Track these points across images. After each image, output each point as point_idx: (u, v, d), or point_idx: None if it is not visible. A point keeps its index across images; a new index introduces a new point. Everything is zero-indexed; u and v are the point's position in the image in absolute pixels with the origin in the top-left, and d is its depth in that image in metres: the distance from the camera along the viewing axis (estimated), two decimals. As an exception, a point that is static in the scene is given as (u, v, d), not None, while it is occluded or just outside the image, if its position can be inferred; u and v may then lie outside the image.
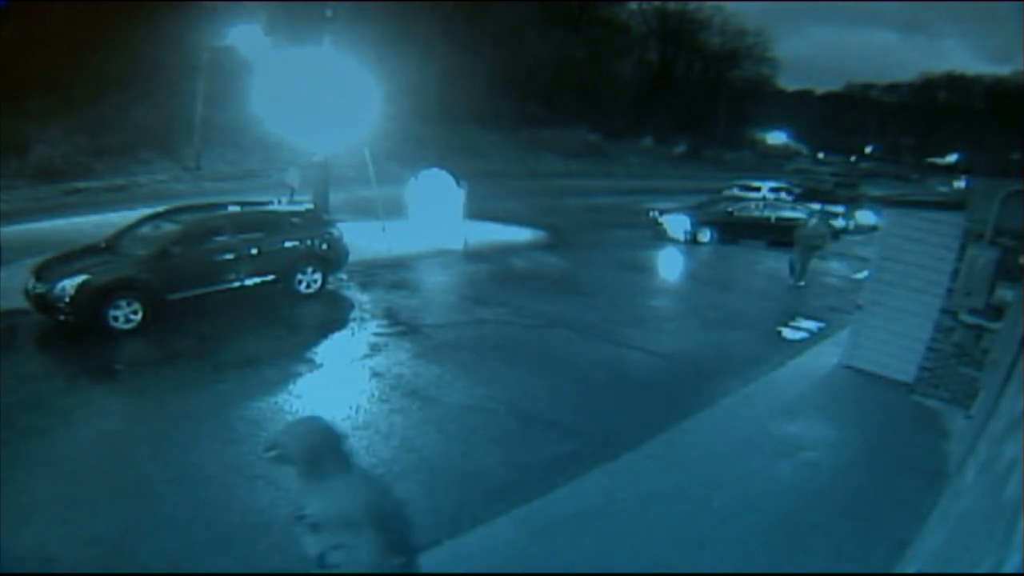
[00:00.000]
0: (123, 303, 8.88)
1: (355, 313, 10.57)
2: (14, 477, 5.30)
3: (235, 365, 8.08)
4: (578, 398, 7.80)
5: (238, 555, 4.78)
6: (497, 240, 16.68)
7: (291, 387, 7.56)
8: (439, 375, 8.15)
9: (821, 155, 61.32)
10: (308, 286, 11.02)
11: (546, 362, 8.88)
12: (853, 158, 62.91)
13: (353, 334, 9.65)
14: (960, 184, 51.98)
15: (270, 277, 10.48)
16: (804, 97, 72.24)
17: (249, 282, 10.21)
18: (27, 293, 8.93)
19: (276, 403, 7.14)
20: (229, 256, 9.96)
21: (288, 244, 10.71)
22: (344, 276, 12.12)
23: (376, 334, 9.58)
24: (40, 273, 9.00)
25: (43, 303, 8.78)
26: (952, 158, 66.31)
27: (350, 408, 7.14)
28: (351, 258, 11.89)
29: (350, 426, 6.71)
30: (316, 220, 11.41)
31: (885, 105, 73.52)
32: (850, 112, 71.10)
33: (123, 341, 8.75)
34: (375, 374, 8.13)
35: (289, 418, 6.54)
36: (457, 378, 8.06)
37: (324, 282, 11.20)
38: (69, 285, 8.62)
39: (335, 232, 11.46)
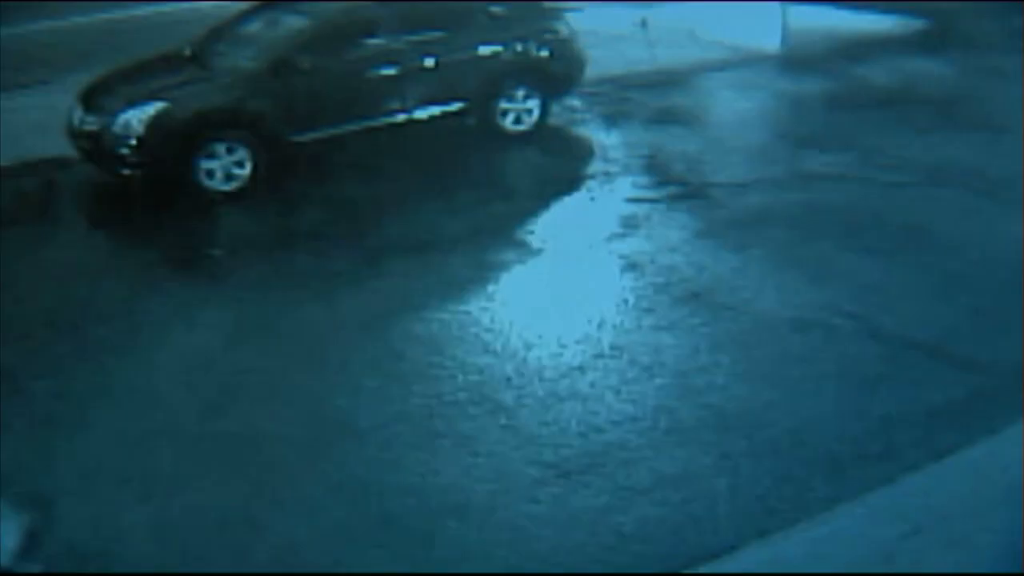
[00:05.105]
0: (221, 148, 6.97)
1: (596, 165, 8.44)
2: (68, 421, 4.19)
3: (400, 250, 6.54)
4: (974, 306, 5.93)
5: (399, 555, 3.42)
6: (837, 32, 12.25)
7: (491, 287, 6.11)
8: (737, 268, 6.56)
9: None
10: (518, 119, 8.61)
11: (920, 246, 6.95)
12: None
13: (593, 200, 7.74)
14: None
15: (456, 105, 8.26)
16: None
17: (421, 113, 8.00)
18: (72, 131, 7.14)
19: (467, 313, 5.70)
20: (389, 71, 7.74)
21: (484, 50, 8.31)
22: (577, 103, 9.62)
23: (631, 199, 7.73)
24: (91, 99, 7.11)
25: (96, 147, 6.98)
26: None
27: (589, 322, 5.70)
28: (589, 72, 9.14)
29: (590, 352, 5.21)
30: (531, 9, 8.81)
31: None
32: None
33: (222, 210, 7.06)
34: (630, 265, 6.60)
35: (487, 337, 5.55)
36: (768, 273, 6.48)
37: (544, 113, 8.74)
38: (136, 118, 6.70)
39: (562, 29, 8.76)
